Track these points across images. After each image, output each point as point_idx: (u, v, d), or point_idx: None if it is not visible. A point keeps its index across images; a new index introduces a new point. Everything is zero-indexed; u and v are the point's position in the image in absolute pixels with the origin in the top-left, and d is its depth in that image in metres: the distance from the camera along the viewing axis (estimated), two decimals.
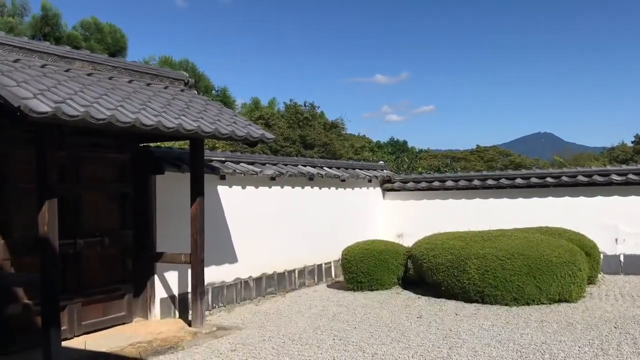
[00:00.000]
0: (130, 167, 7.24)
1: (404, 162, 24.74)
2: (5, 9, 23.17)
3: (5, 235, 5.85)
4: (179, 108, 6.44)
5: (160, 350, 5.87)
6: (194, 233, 6.86)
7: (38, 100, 4.67)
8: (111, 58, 7.08)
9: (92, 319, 6.70)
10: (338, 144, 28.26)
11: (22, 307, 5.95)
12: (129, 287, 7.14)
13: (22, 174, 6.02)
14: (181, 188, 7.30)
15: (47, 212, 5.16)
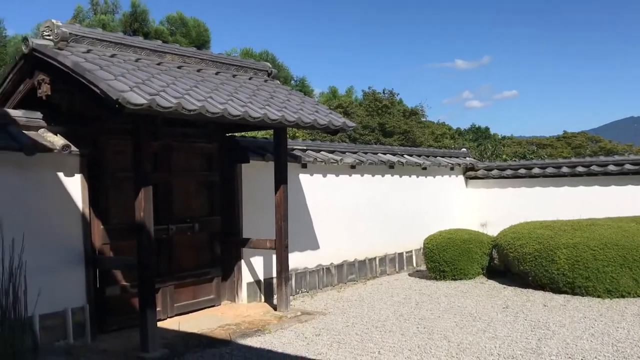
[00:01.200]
0: (217, 156, 7.50)
1: (487, 149, 24.08)
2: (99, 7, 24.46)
3: (104, 221, 6.22)
4: (263, 98, 6.59)
5: (248, 332, 6.07)
6: (278, 220, 7.02)
7: (134, 93, 4.93)
8: (199, 51, 7.32)
9: (183, 302, 7.02)
10: (418, 131, 27.89)
11: (120, 289, 6.33)
12: (217, 271, 7.42)
13: (118, 163, 6.37)
14: (265, 176, 7.48)
15: (143, 199, 5.44)
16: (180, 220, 6.98)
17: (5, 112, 5.53)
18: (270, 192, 7.19)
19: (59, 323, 5.63)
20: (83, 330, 5.80)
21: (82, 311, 5.81)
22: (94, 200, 6.09)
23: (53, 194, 5.69)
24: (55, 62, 5.31)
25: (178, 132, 7.05)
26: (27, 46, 5.53)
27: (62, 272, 5.62)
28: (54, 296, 5.39)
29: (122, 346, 5.68)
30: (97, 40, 5.96)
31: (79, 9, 24.53)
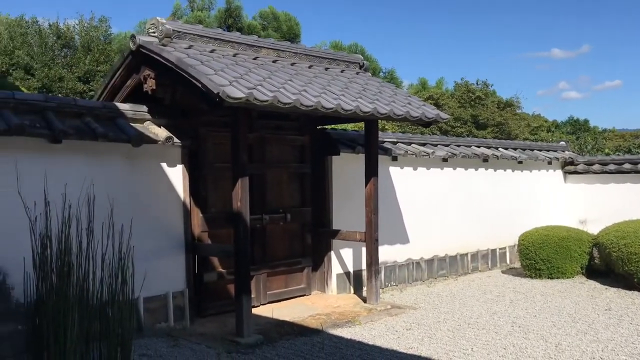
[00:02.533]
0: (308, 148, 7.61)
1: (587, 142, 22.80)
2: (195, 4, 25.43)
3: (203, 210, 6.49)
4: (355, 91, 6.61)
5: (338, 323, 6.14)
6: (368, 212, 7.02)
7: (233, 87, 5.09)
8: (293, 45, 7.45)
9: (275, 290, 7.21)
10: (513, 123, 26.86)
11: (217, 275, 6.59)
12: (308, 261, 7.55)
13: (217, 154, 6.62)
14: (355, 169, 7.50)
15: (240, 189, 5.62)
16: (273, 211, 7.16)
17: (114, 106, 5.90)
18: (360, 185, 7.20)
19: (161, 306, 5.94)
20: (182, 313, 6.10)
21: (181, 295, 6.11)
22: (193, 189, 6.37)
23: (157, 183, 6.01)
24: (160, 58, 5.58)
25: (271, 125, 7.21)
26: (134, 43, 5.86)
27: (164, 258, 5.93)
28: (157, 280, 5.68)
29: (218, 330, 5.91)
30: (197, 36, 6.21)
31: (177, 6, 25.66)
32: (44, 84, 21.72)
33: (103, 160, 5.56)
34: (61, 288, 4.02)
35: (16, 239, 4.50)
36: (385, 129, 15.46)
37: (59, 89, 21.61)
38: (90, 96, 20.46)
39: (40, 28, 23.92)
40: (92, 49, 23.27)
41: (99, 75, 22.73)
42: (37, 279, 4.08)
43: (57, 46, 23.59)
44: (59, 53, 23.66)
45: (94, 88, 22.32)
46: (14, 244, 4.62)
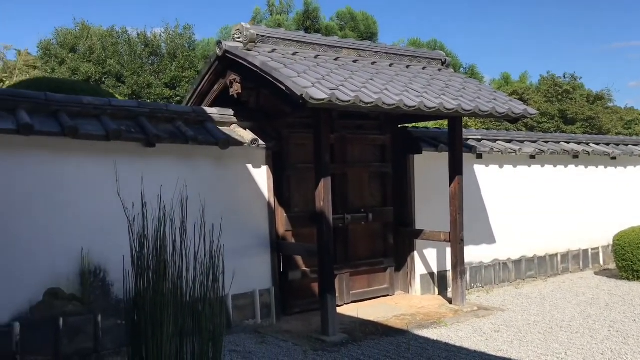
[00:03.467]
0: (390, 148, 7.56)
1: None
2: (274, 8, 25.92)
3: (287, 209, 6.61)
4: (438, 88, 6.50)
5: (423, 324, 6.07)
6: (452, 212, 6.89)
7: (316, 89, 5.15)
8: (373, 44, 7.45)
9: (358, 289, 7.22)
10: (604, 117, 25.48)
11: (301, 273, 6.68)
12: (390, 261, 7.51)
13: (299, 155, 6.72)
14: (438, 167, 7.39)
15: (323, 189, 5.68)
16: (355, 210, 7.17)
17: (203, 110, 6.12)
18: (444, 184, 7.08)
19: (249, 303, 6.10)
20: (269, 311, 6.24)
21: (268, 293, 6.24)
22: (277, 190, 6.50)
23: (243, 184, 6.18)
24: (245, 62, 5.74)
25: (352, 125, 7.23)
26: (221, 49, 6.06)
27: (251, 256, 6.09)
28: (244, 278, 5.80)
29: (303, 328, 6.00)
30: (280, 40, 6.33)
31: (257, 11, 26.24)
32: (134, 90, 22.86)
33: (193, 162, 5.79)
34: (157, 285, 4.21)
35: (115, 238, 4.77)
36: (468, 126, 15.10)
37: (147, 95, 22.68)
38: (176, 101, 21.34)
39: (130, 37, 25.19)
40: (177, 56, 24.24)
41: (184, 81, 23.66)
42: (135, 276, 4.29)
43: (145, 54, 24.76)
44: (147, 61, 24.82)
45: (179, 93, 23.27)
46: (113, 244, 4.90)
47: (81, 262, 5.07)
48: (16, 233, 4.79)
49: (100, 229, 5.14)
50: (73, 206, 5.08)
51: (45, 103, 5.04)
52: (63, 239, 5.01)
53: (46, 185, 4.98)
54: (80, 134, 4.96)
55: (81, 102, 5.26)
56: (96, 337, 5.09)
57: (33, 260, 4.84)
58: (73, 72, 22.72)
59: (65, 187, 5.07)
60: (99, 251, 5.14)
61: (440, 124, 12.62)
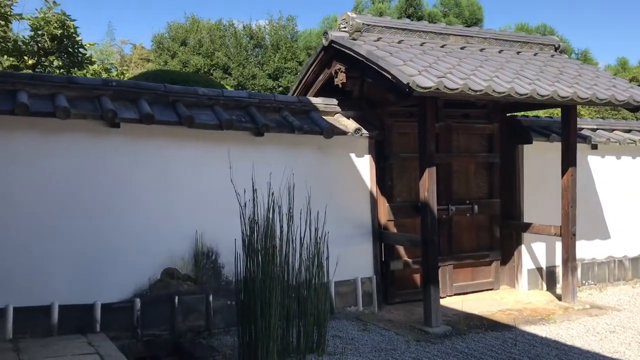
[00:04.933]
0: (497, 137, 7.31)
1: None
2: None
3: (389, 199, 6.59)
4: (551, 74, 6.20)
5: (531, 320, 5.86)
6: (564, 205, 6.56)
7: (423, 77, 5.08)
8: (482, 30, 7.22)
9: (461, 282, 7.08)
10: None
11: (403, 264, 6.66)
12: (496, 254, 7.29)
13: (402, 144, 6.67)
14: (549, 158, 7.06)
15: (428, 179, 5.61)
16: (460, 201, 7.02)
17: (308, 100, 6.24)
18: (555, 175, 6.75)
19: (350, 290, 6.18)
20: (370, 299, 6.27)
21: (369, 282, 6.28)
22: (379, 179, 6.50)
23: (346, 173, 6.24)
24: (351, 52, 5.78)
25: (458, 114, 7.07)
26: (327, 39, 6.13)
27: (353, 244, 6.15)
28: (346, 266, 5.89)
29: (405, 318, 5.98)
30: (385, 28, 6.30)
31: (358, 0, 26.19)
32: (239, 82, 23.67)
33: (299, 151, 5.92)
34: (266, 268, 4.39)
35: (226, 223, 5.00)
36: (582, 115, 14.26)
37: (251, 86, 23.40)
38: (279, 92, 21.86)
39: (236, 30, 26.06)
40: (280, 47, 24.78)
41: (286, 72, 24.16)
42: (245, 259, 4.49)
43: (250, 46, 25.53)
44: (251, 52, 25.60)
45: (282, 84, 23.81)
46: (224, 228, 5.14)
47: (195, 245, 5.36)
48: (136, 216, 5.15)
49: (212, 214, 5.41)
50: (188, 191, 5.38)
51: (164, 94, 5.36)
52: (179, 222, 5.32)
53: (164, 171, 5.30)
54: (195, 123, 5.22)
55: (196, 93, 5.54)
56: (208, 316, 5.37)
57: (152, 241, 5.19)
58: (184, 65, 23.90)
59: (181, 173, 5.38)
60: (211, 234, 5.41)
61: (550, 113, 12.04)
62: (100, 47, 23.82)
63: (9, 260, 4.62)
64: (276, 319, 4.37)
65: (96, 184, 5.01)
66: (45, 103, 4.76)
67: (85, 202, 4.95)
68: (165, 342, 5.13)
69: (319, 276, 4.98)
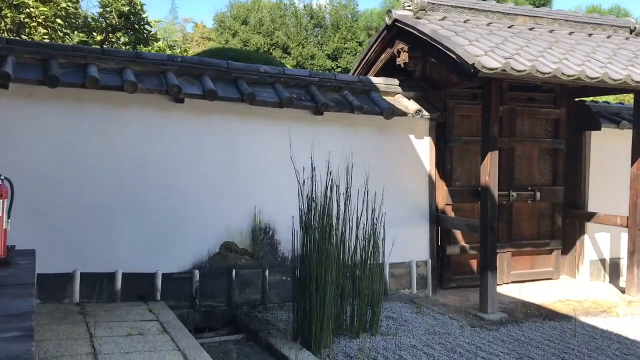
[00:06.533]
0: (563, 122, 7.06)
1: None
2: None
3: (448, 183, 6.49)
4: (625, 58, 5.92)
5: (591, 311, 5.68)
6: (633, 195, 6.28)
7: (489, 57, 4.95)
8: (552, 11, 6.94)
9: (519, 270, 6.92)
10: None
11: (459, 248, 6.56)
12: (557, 243, 7.08)
13: (463, 127, 6.54)
14: (617, 146, 6.80)
15: (489, 163, 5.47)
16: (521, 188, 6.84)
17: (369, 80, 6.18)
18: (623, 164, 6.48)
19: (405, 273, 6.15)
20: (425, 283, 6.23)
21: (424, 265, 6.23)
22: (439, 162, 6.40)
23: (405, 154, 6.18)
24: (414, 31, 5.67)
25: (523, 97, 6.86)
26: (390, 17, 6.04)
27: (410, 227, 6.10)
28: (402, 248, 5.85)
29: (459, 303, 5.91)
30: (451, 7, 6.15)
31: None
32: (298, 61, 23.75)
33: (358, 131, 5.89)
34: (322, 246, 4.41)
35: (284, 200, 5.05)
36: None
37: (310, 66, 23.43)
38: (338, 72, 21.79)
39: (296, 9, 26.10)
40: (340, 27, 24.67)
41: (345, 52, 24.05)
42: (302, 236, 4.52)
43: (309, 26, 25.54)
44: (311, 32, 25.60)
45: (340, 64, 23.72)
46: (282, 205, 5.20)
47: (253, 220, 5.45)
48: (197, 190, 5.27)
49: (270, 191, 5.47)
50: (247, 168, 5.46)
51: (227, 70, 5.43)
52: (238, 197, 5.42)
53: (225, 147, 5.39)
54: (256, 100, 5.27)
55: (258, 71, 5.58)
56: (263, 290, 5.47)
57: (212, 215, 5.31)
58: (244, 43, 24.16)
59: (242, 150, 5.45)
60: (269, 211, 5.49)
61: (621, 99, 11.52)
62: (163, 25, 24.38)
63: (78, 228, 4.83)
64: (331, 297, 4.40)
65: (161, 158, 5.15)
66: (114, 77, 4.91)
67: (151, 174, 5.11)
68: (222, 313, 5.26)
69: (374, 257, 4.97)
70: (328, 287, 4.36)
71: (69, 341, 3.66)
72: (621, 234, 6.80)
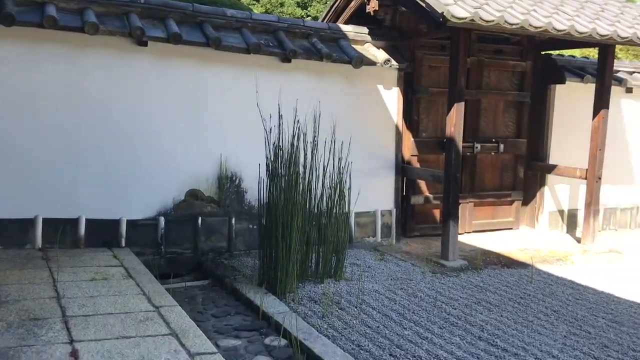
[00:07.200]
0: (529, 76, 7.13)
1: None
2: None
3: (414, 134, 6.53)
4: (592, 12, 5.96)
5: (548, 260, 5.89)
6: (593, 148, 6.45)
7: (458, 7, 4.92)
8: None
9: (481, 220, 7.09)
10: None
11: (424, 198, 6.67)
12: (518, 194, 7.25)
13: (431, 78, 6.54)
14: (581, 100, 6.90)
15: (455, 114, 5.52)
16: (486, 140, 6.93)
17: (338, 27, 6.10)
18: (585, 117, 6.60)
19: (370, 222, 6.24)
20: (389, 231, 6.34)
21: (389, 214, 6.33)
22: (406, 113, 6.42)
23: (373, 104, 6.17)
24: None
25: (491, 49, 6.87)
26: None
27: (376, 177, 6.16)
28: (367, 197, 5.90)
29: (422, 251, 6.05)
30: None
31: None
32: (267, 9, 23.16)
33: (326, 79, 5.84)
34: (289, 194, 4.43)
35: (250, 148, 5.02)
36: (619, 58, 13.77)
37: (279, 14, 22.91)
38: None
39: None
40: None
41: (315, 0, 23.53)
42: (269, 183, 4.53)
43: None
44: None
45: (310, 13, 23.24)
46: (248, 153, 5.17)
47: (219, 168, 5.42)
48: (162, 136, 5.19)
49: (237, 139, 5.42)
50: (213, 115, 5.38)
51: (192, 14, 5.27)
52: (204, 145, 5.36)
53: (190, 93, 5.28)
54: (222, 45, 5.16)
55: (225, 15, 5.44)
56: (229, 238, 5.49)
57: (177, 162, 5.25)
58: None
59: (207, 96, 5.36)
60: (235, 159, 5.45)
61: (587, 54, 11.65)
62: None
63: (39, 173, 4.73)
64: (296, 244, 4.46)
65: (124, 103, 5.02)
66: (74, 17, 4.71)
67: (114, 120, 4.99)
68: (188, 260, 5.28)
69: (340, 205, 5.02)
70: (294, 234, 4.40)
71: (31, 285, 3.64)
72: (580, 186, 7.00)
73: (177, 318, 3.26)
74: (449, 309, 4.32)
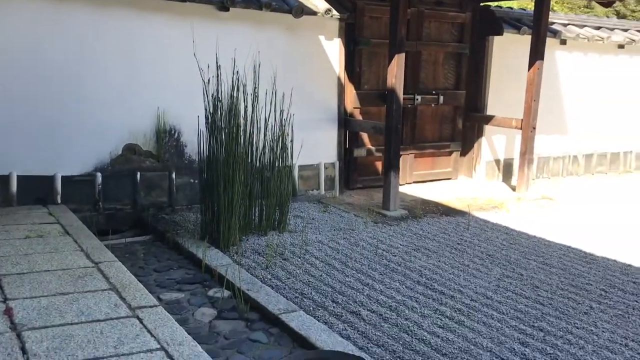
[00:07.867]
0: (469, 27, 7.20)
1: None
2: None
3: (356, 86, 6.53)
4: None
5: (484, 207, 6.11)
6: (528, 98, 6.64)
7: None
8: None
9: (421, 170, 7.25)
10: None
11: (366, 151, 6.73)
12: (457, 145, 7.43)
13: (373, 29, 6.51)
14: (517, 51, 7.04)
15: (396, 65, 5.53)
16: (426, 91, 7.02)
17: None
18: (522, 69, 6.76)
19: (313, 175, 6.26)
20: (332, 184, 6.40)
21: (332, 167, 6.37)
22: (348, 65, 6.39)
23: (314, 56, 6.10)
24: None
25: (431, 0, 6.88)
26: None
27: (318, 130, 6.15)
28: (310, 150, 5.89)
29: (364, 202, 6.15)
30: None
31: None
32: None
33: (265, 29, 5.72)
34: (230, 146, 4.37)
35: (190, 100, 4.89)
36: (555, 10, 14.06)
37: None
38: None
39: None
40: None
41: None
42: (209, 137, 4.45)
43: None
44: None
45: None
46: (187, 106, 5.04)
47: (157, 122, 5.28)
48: (95, 88, 4.98)
49: (174, 91, 5.27)
50: (150, 67, 5.19)
51: None
52: (140, 97, 5.19)
53: (125, 44, 5.07)
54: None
55: None
56: (170, 193, 5.40)
57: (113, 116, 5.07)
58: None
59: (143, 48, 5.16)
60: (174, 112, 5.32)
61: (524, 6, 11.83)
62: None
63: None
64: (239, 197, 4.43)
65: (55, 52, 4.77)
66: None
67: (45, 70, 4.74)
68: (127, 216, 5.18)
69: (283, 158, 5.01)
70: (236, 187, 4.37)
71: None
72: (516, 136, 7.22)
73: (117, 273, 3.21)
74: (389, 256, 4.44)
